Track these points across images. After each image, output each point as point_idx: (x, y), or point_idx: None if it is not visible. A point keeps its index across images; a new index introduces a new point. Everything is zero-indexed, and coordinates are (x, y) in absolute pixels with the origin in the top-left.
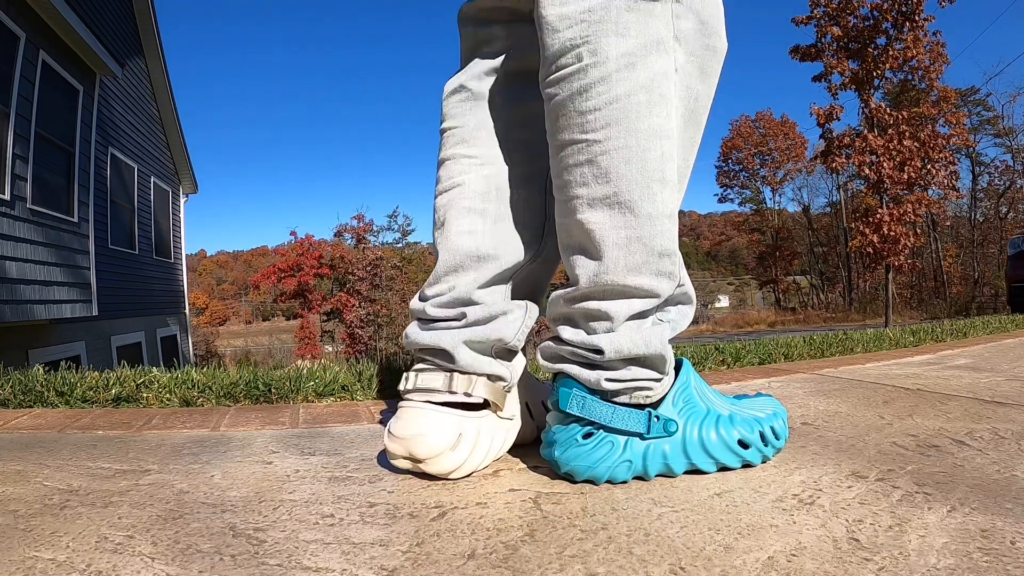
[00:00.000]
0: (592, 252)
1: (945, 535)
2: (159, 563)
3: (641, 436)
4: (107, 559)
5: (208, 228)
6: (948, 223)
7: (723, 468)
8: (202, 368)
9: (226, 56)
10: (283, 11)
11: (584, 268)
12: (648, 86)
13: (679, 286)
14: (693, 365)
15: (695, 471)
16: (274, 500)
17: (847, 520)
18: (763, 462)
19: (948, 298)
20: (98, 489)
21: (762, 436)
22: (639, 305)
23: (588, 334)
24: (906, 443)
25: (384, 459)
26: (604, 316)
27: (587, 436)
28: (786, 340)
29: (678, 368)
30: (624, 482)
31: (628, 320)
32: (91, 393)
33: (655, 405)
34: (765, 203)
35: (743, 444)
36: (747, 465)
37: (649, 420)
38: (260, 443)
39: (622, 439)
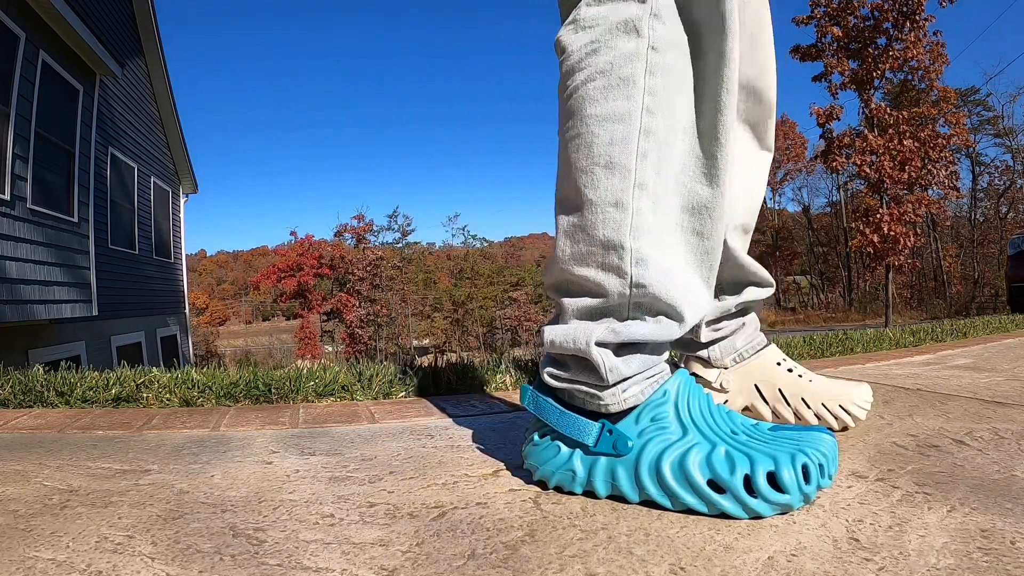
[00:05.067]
0: (554, 243)
1: (945, 535)
2: (159, 563)
3: (586, 448)
4: (107, 559)
5: (208, 228)
6: (948, 223)
7: (689, 511)
8: (202, 368)
9: (226, 56)
10: (283, 10)
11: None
12: (606, 70)
13: (638, 287)
14: None
15: (654, 504)
16: (274, 500)
17: (847, 520)
18: (752, 518)
19: (948, 298)
20: (98, 489)
21: (747, 481)
22: (589, 302)
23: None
24: (906, 443)
25: (384, 459)
26: (560, 309)
27: (543, 436)
28: (786, 340)
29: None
30: (575, 493)
31: (576, 318)
32: (91, 393)
33: (617, 417)
34: (765, 203)
35: (716, 486)
36: (724, 515)
37: (600, 432)
38: (260, 443)
39: (567, 447)
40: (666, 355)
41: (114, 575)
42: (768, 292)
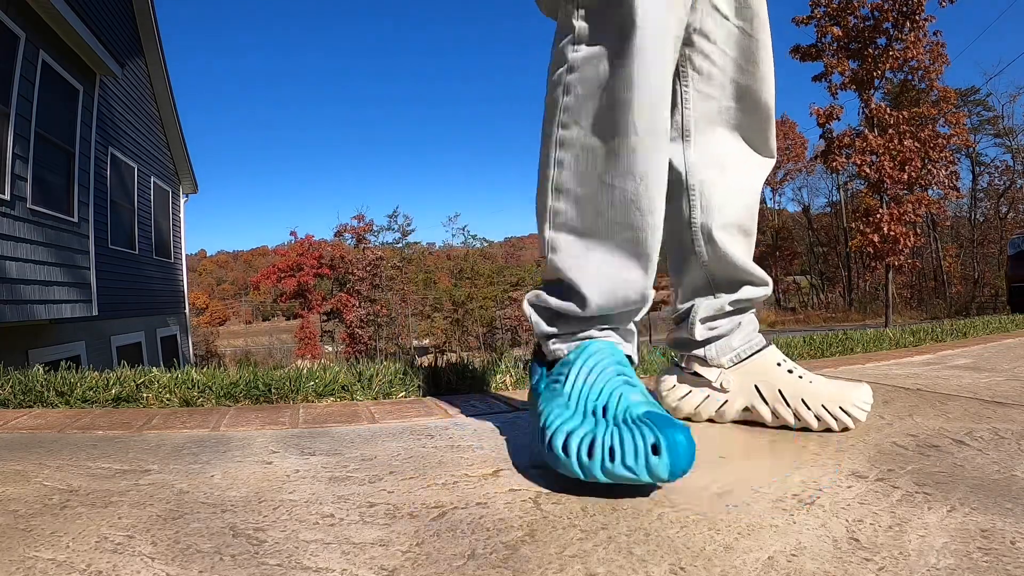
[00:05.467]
0: None
1: (945, 535)
2: (159, 563)
3: (534, 387)
4: (107, 559)
5: (208, 228)
6: (948, 223)
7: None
8: (202, 368)
9: (226, 56)
10: (284, 10)
11: None
12: (548, 100)
13: (553, 269)
14: None
15: None
16: (274, 500)
17: (847, 520)
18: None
19: (948, 298)
20: (98, 489)
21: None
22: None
23: None
24: (906, 443)
25: (384, 459)
26: None
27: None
28: (786, 340)
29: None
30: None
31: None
32: (91, 393)
33: (550, 368)
34: (765, 203)
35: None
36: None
37: (540, 377)
38: (260, 443)
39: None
40: (599, 327)
41: (114, 575)
42: (765, 292)
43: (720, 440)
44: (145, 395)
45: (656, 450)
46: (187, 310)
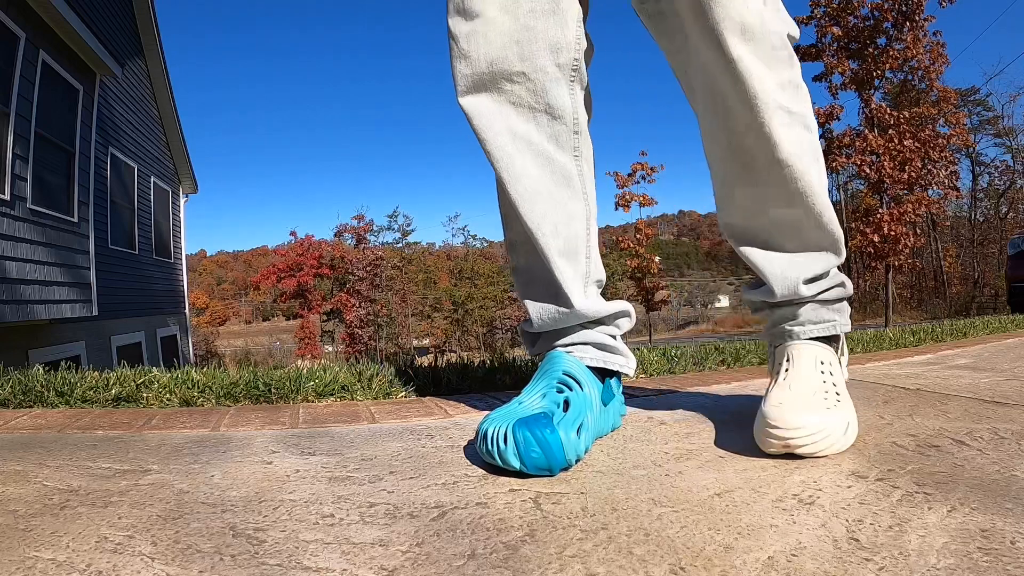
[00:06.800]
0: None
1: (945, 535)
2: (159, 563)
3: None
4: (107, 559)
5: (208, 228)
6: (948, 223)
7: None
8: (202, 368)
9: (226, 56)
10: (283, 12)
11: None
12: None
13: None
14: (694, 364)
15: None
16: (274, 500)
17: (847, 520)
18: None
19: (948, 298)
20: (98, 489)
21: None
22: None
23: None
24: (906, 443)
25: (384, 459)
26: None
27: None
28: None
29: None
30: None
31: None
32: (91, 393)
33: None
34: None
35: None
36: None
37: None
38: (260, 443)
39: None
40: (559, 343)
41: (114, 575)
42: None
43: (720, 439)
44: (145, 395)
45: (505, 439)
46: (187, 310)
